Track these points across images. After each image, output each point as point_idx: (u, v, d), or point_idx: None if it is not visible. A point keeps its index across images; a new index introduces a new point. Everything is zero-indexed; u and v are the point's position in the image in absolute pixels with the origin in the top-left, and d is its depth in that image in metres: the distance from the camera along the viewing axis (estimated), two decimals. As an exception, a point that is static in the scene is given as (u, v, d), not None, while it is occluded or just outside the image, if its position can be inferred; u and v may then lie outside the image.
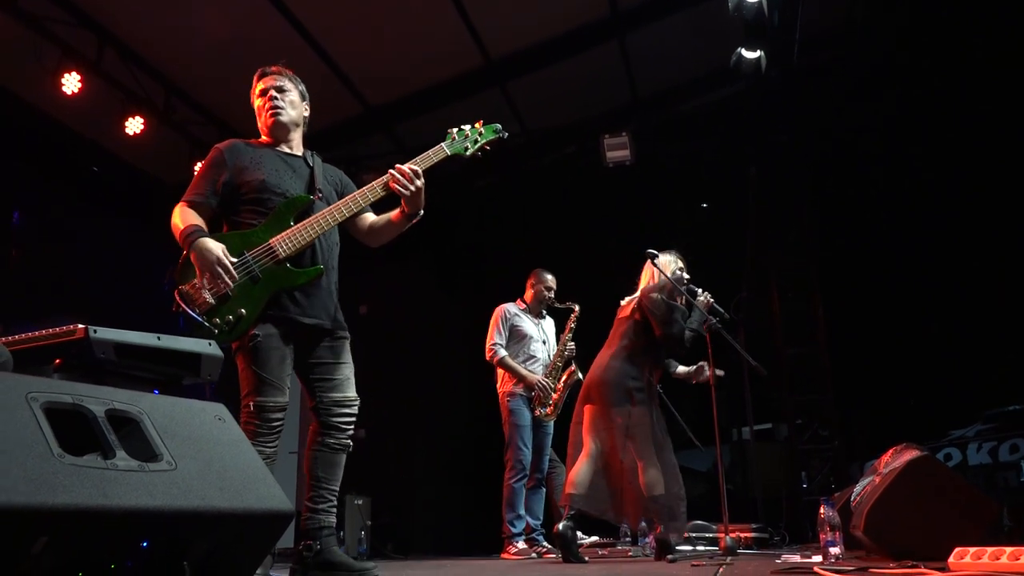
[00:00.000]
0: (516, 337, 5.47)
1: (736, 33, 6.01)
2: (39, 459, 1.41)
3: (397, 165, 2.97)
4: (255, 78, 3.17)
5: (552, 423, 5.41)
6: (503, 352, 5.38)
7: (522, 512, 5.16)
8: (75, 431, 1.55)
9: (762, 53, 6.07)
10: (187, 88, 6.57)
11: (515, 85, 7.07)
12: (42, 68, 5.57)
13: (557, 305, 5.62)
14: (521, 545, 5.06)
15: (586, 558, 3.85)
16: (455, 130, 3.17)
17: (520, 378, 5.32)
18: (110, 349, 2.09)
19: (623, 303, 4.44)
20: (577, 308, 5.56)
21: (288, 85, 3.17)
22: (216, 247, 2.81)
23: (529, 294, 5.67)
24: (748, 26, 5.85)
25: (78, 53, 5.69)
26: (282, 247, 2.85)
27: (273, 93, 3.12)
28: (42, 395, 1.55)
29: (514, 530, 5.11)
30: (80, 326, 2.05)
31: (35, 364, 2.10)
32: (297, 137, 3.21)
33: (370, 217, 3.20)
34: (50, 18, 5.48)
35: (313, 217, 2.91)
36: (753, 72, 6.13)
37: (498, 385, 5.49)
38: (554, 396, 5.36)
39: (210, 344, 2.36)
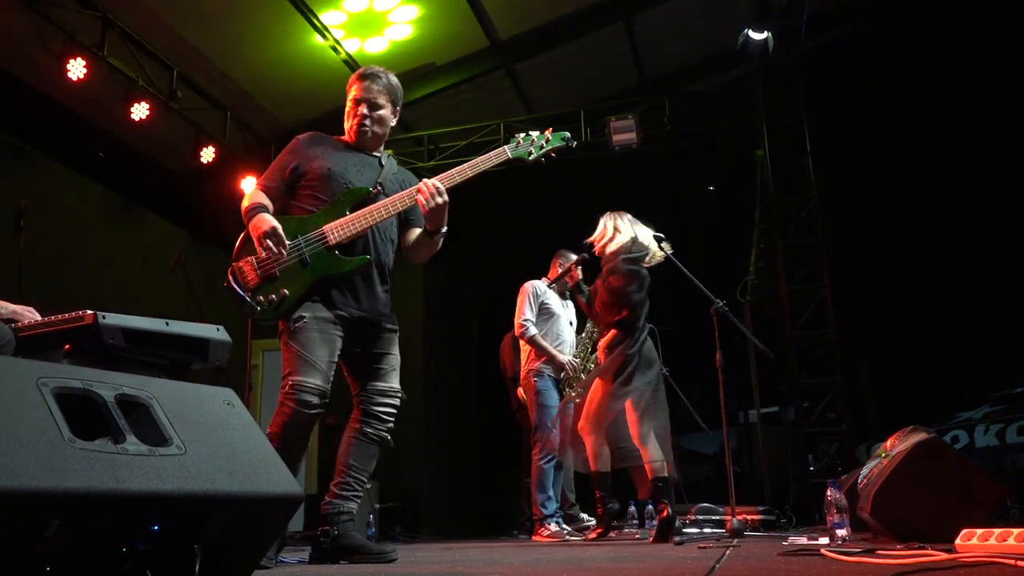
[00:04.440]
0: (545, 315, 5.33)
1: (743, 14, 5.97)
2: (51, 444, 1.42)
3: (424, 180, 2.94)
4: (354, 77, 3.15)
5: (573, 406, 5.34)
6: (534, 329, 5.23)
7: (552, 494, 5.05)
8: (86, 416, 1.56)
9: (769, 34, 6.03)
10: (192, 73, 6.55)
11: (522, 68, 7.04)
12: (48, 54, 5.56)
13: (586, 287, 5.50)
14: (553, 528, 4.92)
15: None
16: (522, 135, 3.14)
17: (550, 357, 5.19)
18: (119, 335, 2.10)
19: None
20: None
21: (383, 100, 3.11)
22: (271, 220, 2.84)
23: (555, 273, 5.49)
24: (755, 6, 5.81)
25: (82, 39, 5.68)
26: (333, 234, 2.87)
27: (364, 110, 3.09)
28: (52, 380, 1.56)
29: (545, 512, 4.97)
30: (89, 312, 2.06)
31: (45, 350, 2.11)
32: (383, 134, 3.19)
33: (415, 232, 3.16)
34: (53, 3, 5.46)
35: (367, 208, 2.91)
36: (760, 53, 6.10)
37: (522, 363, 5.36)
38: (583, 378, 5.30)
39: (218, 329, 2.36)
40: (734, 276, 6.50)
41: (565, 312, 5.46)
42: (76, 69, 5.63)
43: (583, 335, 5.45)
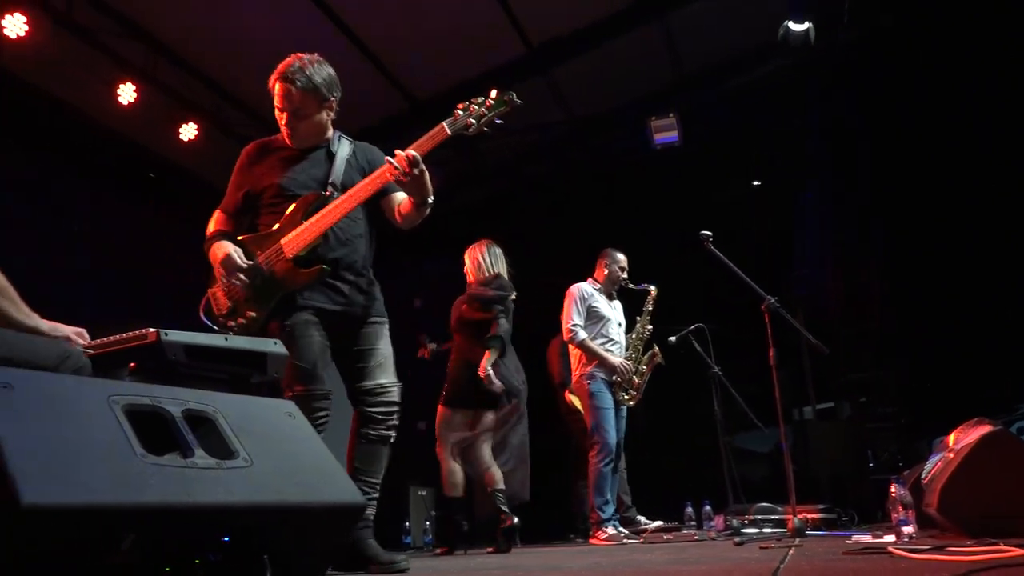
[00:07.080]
0: (593, 318, 5.23)
1: (782, 4, 5.88)
2: (123, 459, 1.47)
3: (397, 152, 2.77)
4: (273, 77, 2.98)
5: (626, 408, 5.25)
6: (583, 334, 5.15)
7: (610, 497, 4.97)
8: (154, 431, 1.61)
9: (810, 24, 5.93)
10: (236, 92, 6.67)
11: (558, 72, 7.04)
12: (99, 80, 5.71)
13: (632, 286, 5.41)
14: (611, 531, 4.84)
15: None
16: (462, 106, 2.96)
17: (601, 360, 5.10)
18: (181, 351, 2.15)
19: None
20: (654, 289, 5.41)
21: (308, 104, 2.97)
22: (226, 248, 2.90)
23: (602, 274, 5.43)
24: (794, -3, 5.73)
25: (130, 63, 5.82)
26: (290, 248, 2.86)
27: (285, 121, 2.99)
28: (122, 398, 1.60)
29: (603, 515, 4.89)
30: (152, 330, 2.11)
31: (111, 368, 2.17)
32: (319, 131, 3.07)
33: (398, 198, 3.02)
34: (101, 30, 5.61)
35: (320, 212, 2.86)
36: (801, 45, 5.99)
37: (574, 367, 5.30)
38: (636, 380, 5.27)
39: (275, 343, 2.41)
40: (781, 271, 6.42)
41: (614, 314, 5.39)
42: (126, 93, 5.78)
43: (632, 335, 5.41)
